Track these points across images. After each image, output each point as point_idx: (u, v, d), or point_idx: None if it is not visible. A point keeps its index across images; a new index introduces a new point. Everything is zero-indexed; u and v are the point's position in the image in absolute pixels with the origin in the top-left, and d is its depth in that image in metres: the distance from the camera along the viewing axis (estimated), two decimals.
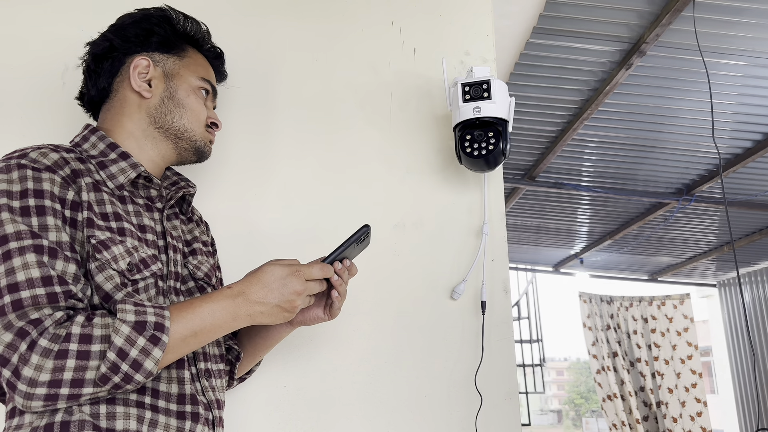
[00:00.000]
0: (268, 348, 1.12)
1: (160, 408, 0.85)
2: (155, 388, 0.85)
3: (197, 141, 1.03)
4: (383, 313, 1.31)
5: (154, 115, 1.00)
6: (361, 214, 1.35)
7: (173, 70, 1.02)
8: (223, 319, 0.85)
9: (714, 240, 5.62)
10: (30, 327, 0.74)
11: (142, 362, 0.77)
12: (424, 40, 1.46)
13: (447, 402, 1.28)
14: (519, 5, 2.54)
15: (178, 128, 1.01)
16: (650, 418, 5.80)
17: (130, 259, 0.87)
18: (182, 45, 1.05)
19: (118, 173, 0.94)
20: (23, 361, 0.73)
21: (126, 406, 0.82)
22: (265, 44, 1.40)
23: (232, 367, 1.09)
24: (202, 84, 1.04)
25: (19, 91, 1.34)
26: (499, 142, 1.25)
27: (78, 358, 0.74)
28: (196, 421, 0.88)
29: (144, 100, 1.00)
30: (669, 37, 2.68)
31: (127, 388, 0.79)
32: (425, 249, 1.35)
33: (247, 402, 1.23)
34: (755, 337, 6.48)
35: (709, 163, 3.94)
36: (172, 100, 1.01)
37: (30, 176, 0.83)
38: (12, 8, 1.39)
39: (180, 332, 0.81)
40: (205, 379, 0.93)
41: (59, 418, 0.78)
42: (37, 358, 0.73)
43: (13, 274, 0.77)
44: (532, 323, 6.47)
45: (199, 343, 0.85)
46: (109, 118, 1.01)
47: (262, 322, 0.89)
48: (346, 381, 1.27)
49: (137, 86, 0.99)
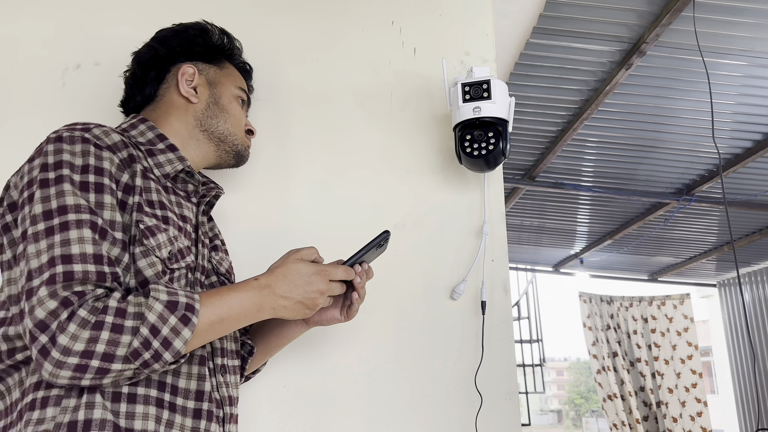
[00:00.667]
0: (280, 346, 1.14)
1: (178, 407, 0.85)
2: (174, 384, 0.86)
3: (238, 145, 1.09)
4: (383, 313, 1.31)
5: (201, 119, 1.05)
6: (361, 214, 1.35)
7: (215, 79, 1.08)
8: (248, 309, 0.87)
9: (714, 240, 5.62)
10: (74, 297, 0.76)
11: (172, 341, 0.78)
12: (424, 40, 1.46)
13: (447, 402, 1.28)
14: (519, 5, 2.54)
15: (222, 132, 1.06)
16: (650, 418, 5.80)
17: (171, 248, 0.89)
18: (220, 58, 1.12)
19: (166, 163, 0.97)
20: (61, 329, 0.74)
21: (146, 404, 0.82)
22: (265, 44, 1.40)
23: (243, 362, 1.11)
24: (240, 93, 1.11)
25: (19, 91, 1.34)
26: (499, 142, 1.25)
27: (112, 331, 0.75)
28: (210, 420, 0.89)
29: (191, 105, 1.05)
30: (669, 37, 2.68)
31: (155, 368, 0.79)
32: (425, 249, 1.35)
33: (247, 402, 1.23)
34: (755, 337, 6.48)
35: (709, 163, 3.94)
36: (217, 105, 1.07)
37: (92, 152, 0.85)
38: (12, 8, 1.39)
39: (208, 317, 0.82)
40: (221, 375, 0.94)
41: (82, 416, 0.78)
42: (75, 327, 0.74)
43: (68, 246, 0.78)
44: (532, 323, 6.47)
45: (224, 330, 0.86)
46: (154, 116, 1.05)
47: (284, 316, 0.91)
48: (346, 381, 1.27)
49: (185, 92, 1.04)
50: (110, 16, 1.41)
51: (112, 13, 1.41)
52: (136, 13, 1.41)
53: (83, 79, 1.36)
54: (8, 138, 1.33)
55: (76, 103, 1.34)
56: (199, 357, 0.90)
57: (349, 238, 1.21)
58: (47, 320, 0.74)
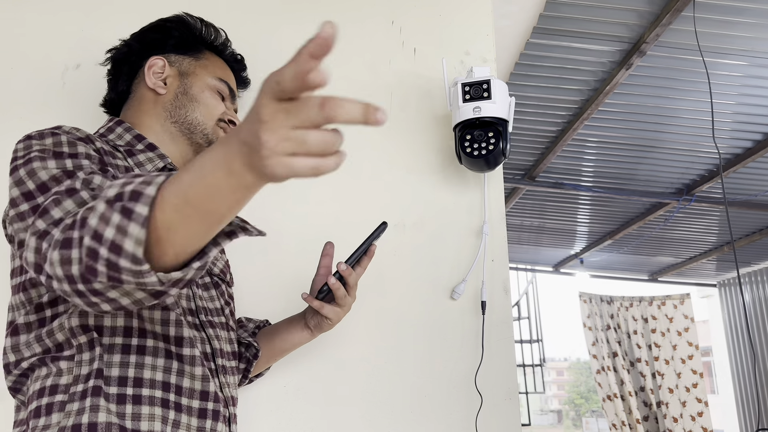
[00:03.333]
0: (284, 352, 1.14)
1: (183, 406, 0.85)
2: (179, 385, 0.85)
3: (209, 135, 1.05)
4: (383, 313, 1.31)
5: (170, 110, 1.02)
6: (361, 213, 1.35)
7: (188, 69, 1.05)
8: (214, 172, 0.58)
9: (714, 240, 5.62)
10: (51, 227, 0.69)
11: (121, 243, 0.59)
12: (424, 40, 1.46)
13: (447, 402, 1.28)
14: (519, 5, 2.54)
15: (191, 122, 1.03)
16: (650, 418, 5.80)
17: None
18: (200, 48, 1.09)
19: (146, 162, 0.96)
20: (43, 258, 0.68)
21: (152, 405, 0.81)
22: (265, 44, 1.40)
23: (248, 365, 1.10)
24: (218, 84, 1.07)
25: (19, 91, 1.34)
26: (499, 142, 1.25)
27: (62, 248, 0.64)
28: (216, 419, 0.88)
29: (159, 97, 1.03)
30: (669, 37, 2.68)
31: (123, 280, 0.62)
32: (425, 249, 1.35)
33: (247, 402, 1.23)
34: (755, 337, 6.48)
35: (709, 163, 3.94)
36: (186, 95, 1.03)
37: (65, 141, 0.83)
38: (12, 8, 1.39)
39: (169, 199, 0.60)
40: (222, 376, 0.94)
41: (86, 419, 0.77)
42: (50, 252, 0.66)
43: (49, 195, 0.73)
44: (532, 323, 6.47)
45: (199, 215, 0.60)
46: (129, 116, 1.04)
47: (252, 150, 0.55)
48: (347, 381, 1.27)
49: (152, 83, 1.02)
50: (110, 16, 1.41)
51: (112, 14, 1.41)
52: (136, 13, 1.40)
53: (83, 79, 1.36)
54: (8, 138, 1.33)
55: (76, 103, 1.34)
56: (202, 357, 0.89)
57: (349, 238, 1.21)
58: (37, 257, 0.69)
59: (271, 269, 1.29)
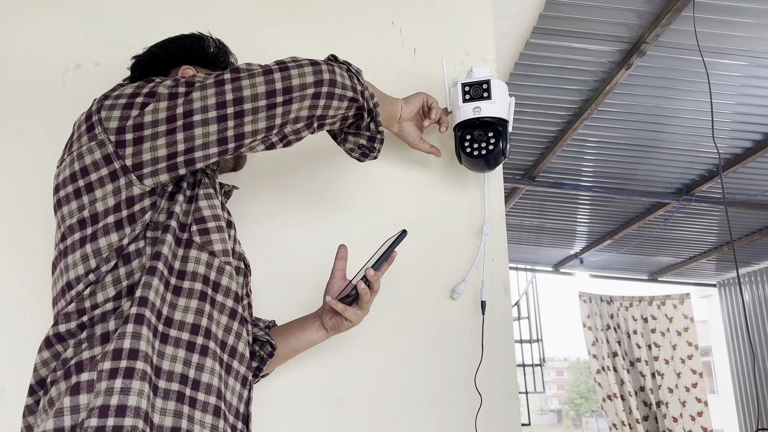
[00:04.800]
0: (297, 351, 1.15)
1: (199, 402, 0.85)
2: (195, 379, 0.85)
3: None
4: (383, 313, 1.31)
5: None
6: (361, 213, 1.35)
7: None
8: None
9: (714, 240, 5.62)
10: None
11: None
12: (424, 40, 1.46)
13: (447, 402, 1.28)
14: (519, 5, 2.54)
15: None
16: (650, 418, 5.80)
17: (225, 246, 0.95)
18: (214, 68, 1.13)
19: None
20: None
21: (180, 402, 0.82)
22: (264, 44, 1.40)
23: (261, 363, 1.11)
24: None
25: (19, 91, 1.34)
26: (499, 142, 1.25)
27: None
28: (238, 417, 0.90)
29: None
30: (669, 37, 2.68)
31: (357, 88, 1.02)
32: (425, 249, 1.35)
33: None
34: (755, 337, 6.48)
35: (709, 163, 3.94)
36: None
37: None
38: (12, 8, 1.39)
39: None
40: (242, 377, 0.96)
41: (115, 401, 0.77)
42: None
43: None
44: (532, 323, 6.48)
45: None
46: None
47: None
48: (346, 381, 1.27)
49: None
50: (110, 16, 1.41)
51: (112, 14, 1.41)
52: (136, 13, 1.41)
53: (83, 79, 1.36)
54: (8, 138, 1.33)
55: (76, 103, 1.34)
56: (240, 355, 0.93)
57: (349, 238, 1.21)
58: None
59: (274, 270, 1.29)
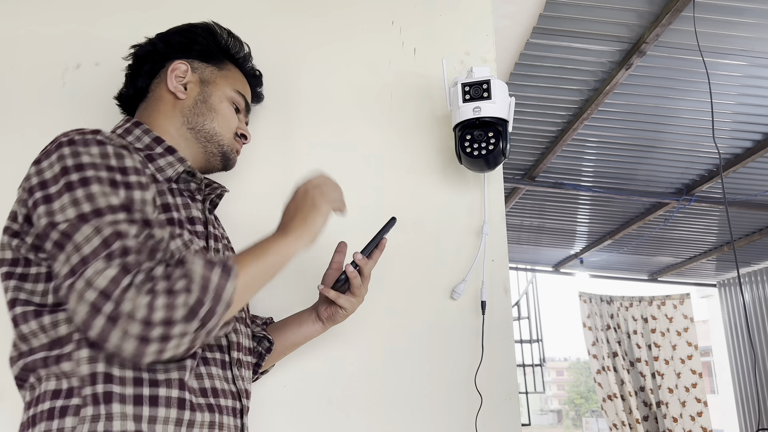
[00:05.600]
0: (296, 345, 1.16)
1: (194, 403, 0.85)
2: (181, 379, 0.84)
3: (224, 146, 1.06)
4: (383, 313, 1.31)
5: (187, 116, 1.03)
6: (361, 213, 1.35)
7: (210, 78, 1.06)
8: (281, 248, 0.89)
9: (714, 240, 5.62)
10: (133, 267, 0.73)
11: (221, 292, 0.77)
12: (424, 40, 1.46)
13: (447, 402, 1.28)
14: (519, 5, 2.54)
15: (208, 131, 1.04)
16: (650, 418, 5.80)
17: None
18: (222, 59, 1.10)
19: (167, 167, 0.96)
20: (123, 293, 0.71)
21: (168, 407, 0.81)
22: (264, 44, 1.40)
23: (260, 359, 1.12)
24: (236, 97, 1.08)
25: (19, 91, 1.34)
26: (499, 142, 1.25)
27: (167, 295, 0.73)
28: (221, 413, 0.89)
29: (178, 101, 1.03)
30: (669, 37, 2.68)
31: (209, 327, 0.77)
32: (425, 249, 1.35)
33: None
34: (755, 337, 6.48)
35: (709, 163, 3.94)
36: (205, 103, 1.04)
37: (112, 153, 0.83)
38: (12, 8, 1.39)
39: (247, 263, 0.83)
40: (236, 369, 0.95)
41: (101, 428, 0.77)
42: (134, 294, 0.71)
43: (117, 225, 0.76)
44: (532, 323, 6.47)
45: (261, 283, 0.86)
46: (146, 115, 1.04)
47: (315, 218, 0.95)
48: (346, 381, 1.27)
49: (173, 87, 1.03)
50: (111, 16, 1.41)
51: (113, 13, 1.41)
52: (136, 12, 1.41)
53: (83, 79, 1.36)
54: (8, 138, 1.33)
55: (76, 103, 1.34)
56: (218, 347, 0.91)
57: (350, 237, 1.21)
58: (110, 288, 0.71)
59: None
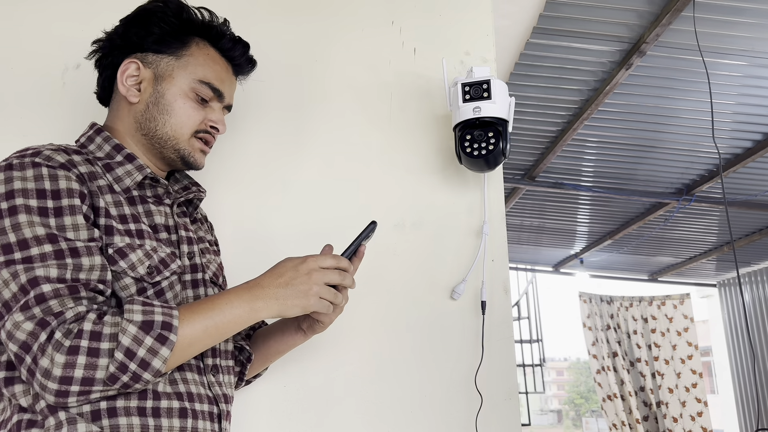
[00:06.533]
0: (280, 353, 1.13)
1: (162, 410, 0.84)
2: (155, 390, 0.84)
3: (181, 149, 0.99)
4: (383, 313, 1.31)
5: (140, 121, 0.98)
6: (361, 213, 1.35)
7: (165, 72, 0.97)
8: (241, 310, 0.84)
9: (714, 240, 5.62)
10: (50, 318, 0.75)
11: (150, 361, 0.77)
12: (424, 40, 1.46)
13: (447, 402, 1.28)
14: (519, 5, 2.54)
15: (161, 136, 0.97)
16: (650, 418, 5.80)
17: (150, 262, 0.87)
18: (185, 39, 0.99)
19: (124, 176, 0.93)
20: (41, 350, 0.74)
21: (128, 416, 0.81)
22: (264, 44, 1.40)
23: (242, 368, 1.09)
24: (200, 87, 0.98)
25: (19, 91, 1.34)
26: (499, 142, 1.25)
27: (89, 355, 0.74)
28: (196, 417, 0.87)
29: (132, 106, 0.98)
30: (669, 37, 2.68)
31: (137, 387, 0.79)
32: (425, 249, 1.35)
33: (247, 402, 1.23)
34: (755, 337, 6.48)
35: (709, 163, 3.94)
36: (157, 105, 0.97)
37: (46, 175, 0.82)
38: (12, 8, 1.39)
39: (191, 330, 0.81)
40: (212, 375, 0.93)
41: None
42: (51, 350, 0.74)
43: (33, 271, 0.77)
44: (532, 323, 6.47)
45: (220, 336, 0.84)
46: (109, 118, 1.02)
47: (284, 311, 0.87)
48: (347, 381, 1.27)
49: (124, 91, 0.97)
50: (111, 16, 1.41)
51: (113, 13, 1.41)
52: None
53: (83, 79, 1.36)
54: (8, 138, 1.33)
55: (76, 103, 1.34)
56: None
57: (349, 238, 1.20)
58: (29, 341, 0.74)
59: None
